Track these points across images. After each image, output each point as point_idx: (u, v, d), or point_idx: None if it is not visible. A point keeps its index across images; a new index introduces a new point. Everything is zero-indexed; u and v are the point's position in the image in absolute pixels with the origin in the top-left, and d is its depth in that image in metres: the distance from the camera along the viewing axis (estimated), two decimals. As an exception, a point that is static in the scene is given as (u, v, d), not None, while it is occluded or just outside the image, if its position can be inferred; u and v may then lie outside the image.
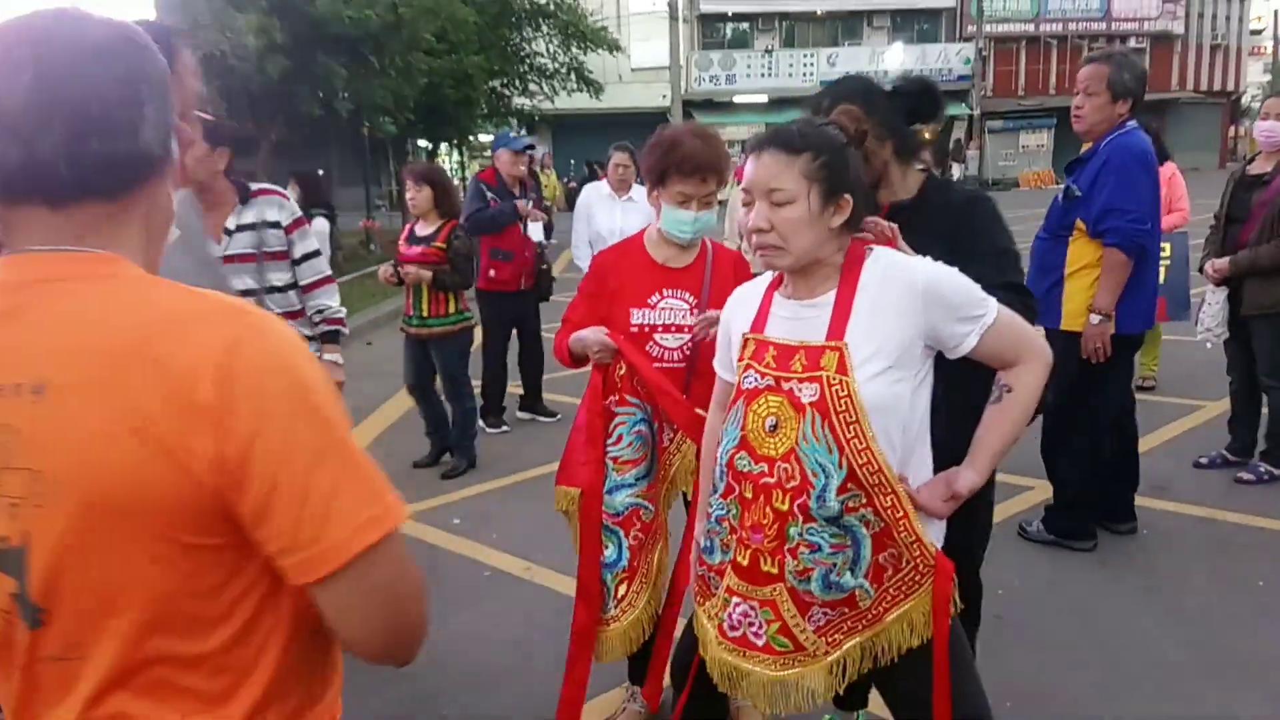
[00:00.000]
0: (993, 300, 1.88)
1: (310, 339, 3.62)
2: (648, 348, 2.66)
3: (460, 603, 3.75)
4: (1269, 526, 4.11)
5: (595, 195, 6.26)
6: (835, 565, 1.82)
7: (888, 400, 1.80)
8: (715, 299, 2.66)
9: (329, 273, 3.69)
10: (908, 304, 1.82)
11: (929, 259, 1.90)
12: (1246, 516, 4.23)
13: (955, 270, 1.89)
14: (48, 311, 0.95)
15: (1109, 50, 3.98)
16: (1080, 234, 3.66)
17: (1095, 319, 3.60)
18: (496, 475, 5.25)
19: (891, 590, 1.86)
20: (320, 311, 3.64)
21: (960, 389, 2.01)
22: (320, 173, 13.71)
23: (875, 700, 2.82)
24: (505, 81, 20.28)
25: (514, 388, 6.76)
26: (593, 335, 2.63)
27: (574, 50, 20.79)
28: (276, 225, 3.44)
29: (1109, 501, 4.06)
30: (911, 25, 35.43)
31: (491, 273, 6.00)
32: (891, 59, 33.86)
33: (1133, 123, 3.67)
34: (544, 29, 20.52)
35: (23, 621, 0.97)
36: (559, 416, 6.36)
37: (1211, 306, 4.63)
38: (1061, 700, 2.91)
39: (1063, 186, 3.80)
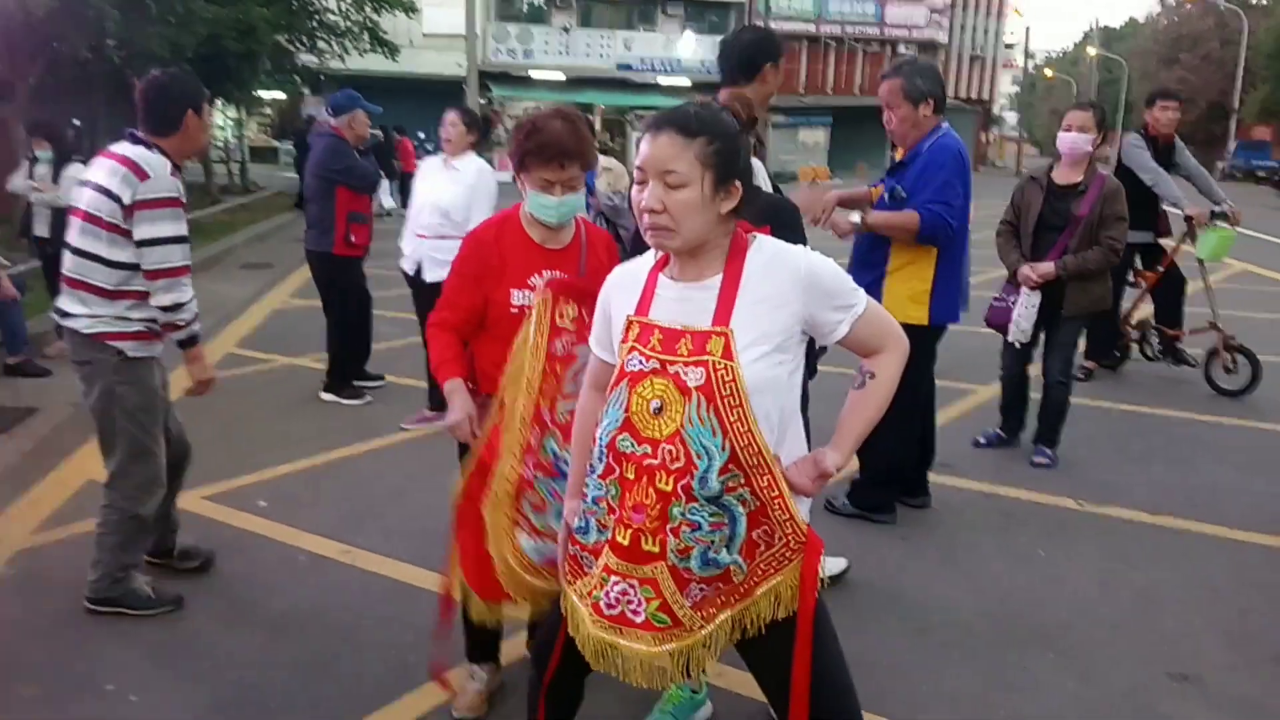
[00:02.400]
0: (862, 291, 1.98)
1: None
2: None
3: (278, 589, 3.55)
4: (1042, 500, 4.56)
5: (428, 168, 5.66)
6: (713, 543, 1.87)
7: (768, 382, 1.86)
8: (592, 280, 2.65)
9: None
10: (790, 291, 1.88)
11: (807, 248, 1.97)
12: (1021, 491, 4.66)
13: (832, 261, 1.97)
14: None
15: (899, 61, 4.21)
16: None
17: (856, 218, 3.90)
18: (300, 456, 4.99)
19: (762, 565, 1.92)
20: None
21: None
22: (76, 123, 12.36)
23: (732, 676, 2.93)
24: (292, 37, 19.15)
25: (313, 361, 6.48)
26: (460, 404, 2.58)
27: (368, 10, 19.93)
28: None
29: (908, 478, 4.37)
30: (703, 16, 36.33)
31: (352, 238, 5.73)
32: (684, 48, 34.69)
33: (946, 124, 3.94)
34: (335, -16, 19.52)
35: None
36: (384, 381, 6.27)
37: (1029, 309, 4.87)
38: (880, 669, 3.07)
39: (886, 189, 4.01)
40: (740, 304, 1.87)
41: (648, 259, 2.04)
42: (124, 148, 3.19)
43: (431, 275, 5.29)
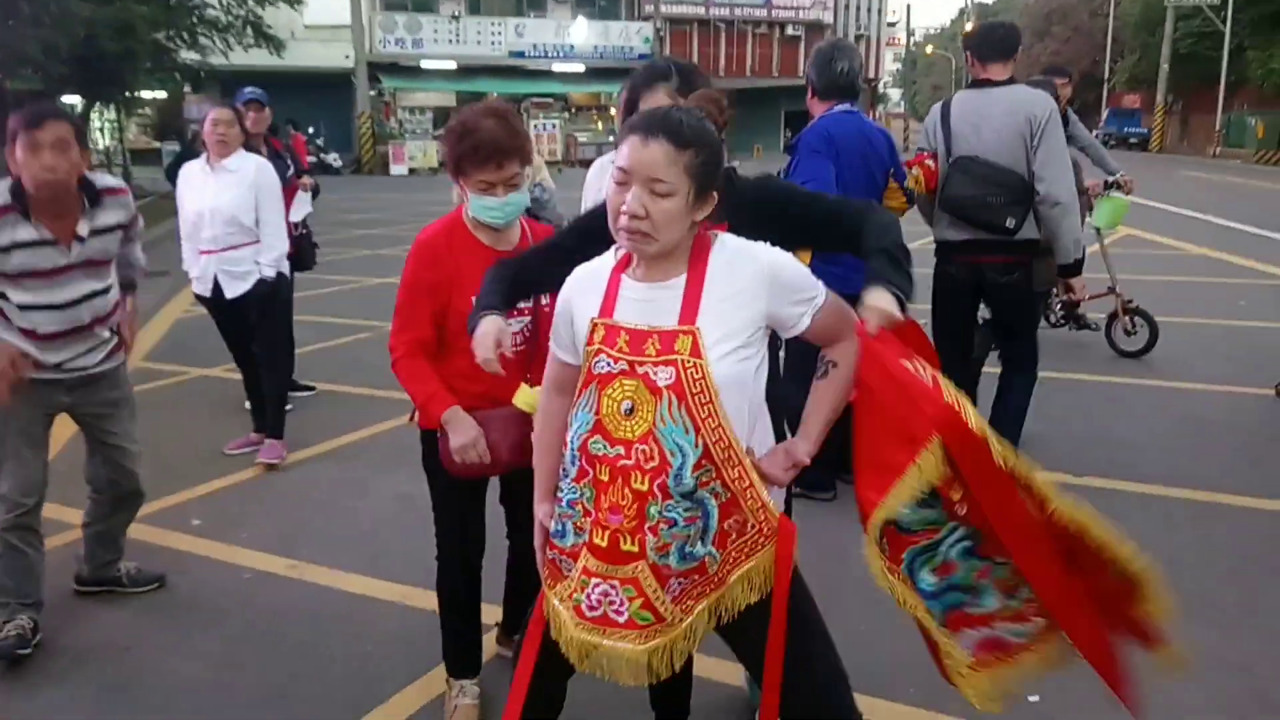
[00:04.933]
0: (821, 284, 2.03)
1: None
2: None
3: (227, 610, 3.47)
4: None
5: (189, 174, 5.00)
6: (689, 537, 1.91)
7: (737, 378, 1.91)
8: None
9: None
10: (753, 287, 1.93)
11: (768, 245, 2.01)
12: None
13: (791, 255, 2.02)
14: None
15: (819, 44, 4.34)
16: None
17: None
18: (228, 470, 4.86)
19: (734, 553, 1.97)
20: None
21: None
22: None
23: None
24: (171, 34, 18.46)
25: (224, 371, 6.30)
26: (464, 428, 2.55)
27: (250, 3, 19.34)
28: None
29: (844, 454, 4.47)
30: (593, 1, 36.24)
31: None
32: (577, 33, 34.54)
33: (841, 107, 4.03)
34: (213, -22, 18.92)
35: None
36: (315, 390, 6.10)
37: None
38: (840, 644, 3.15)
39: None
40: (706, 302, 1.90)
41: (607, 260, 2.05)
42: None
43: (231, 290, 4.93)
